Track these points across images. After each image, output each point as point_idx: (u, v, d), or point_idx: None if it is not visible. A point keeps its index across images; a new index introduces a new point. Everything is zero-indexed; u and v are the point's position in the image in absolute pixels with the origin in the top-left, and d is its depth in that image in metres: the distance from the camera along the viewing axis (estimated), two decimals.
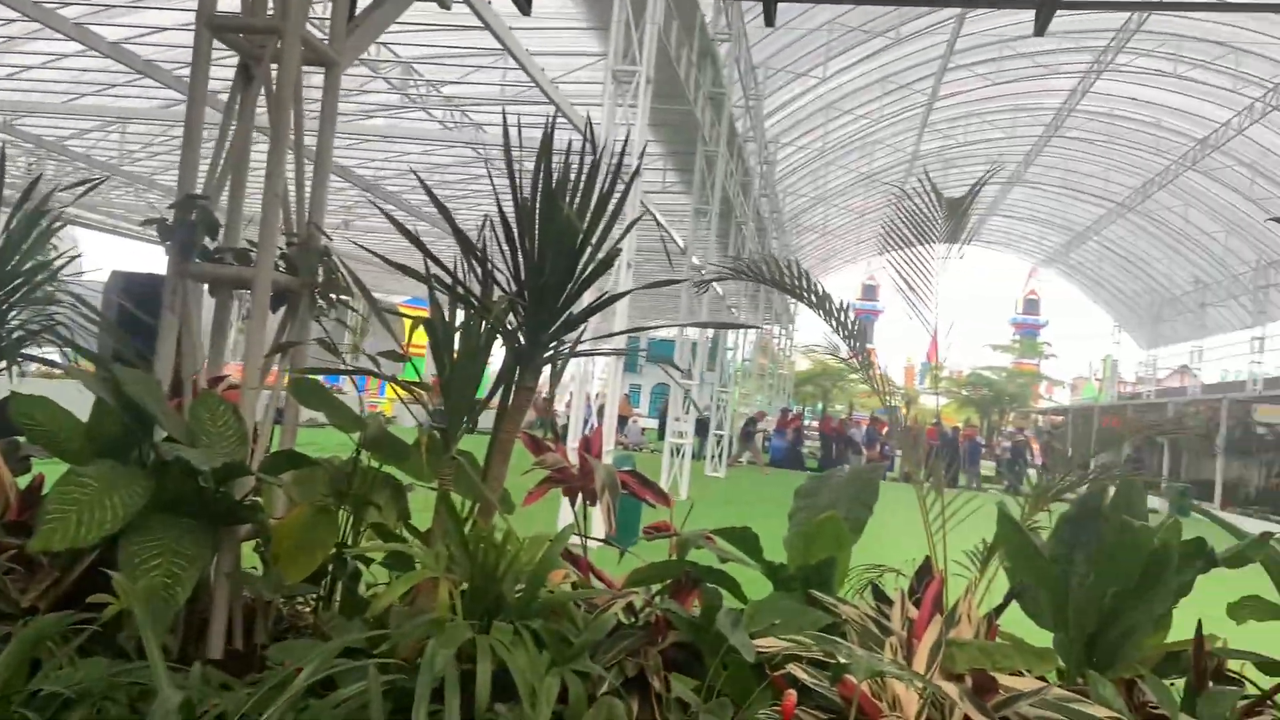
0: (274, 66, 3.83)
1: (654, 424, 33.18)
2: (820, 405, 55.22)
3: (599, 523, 3.66)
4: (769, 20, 5.86)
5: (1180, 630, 3.39)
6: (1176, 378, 52.03)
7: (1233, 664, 3.35)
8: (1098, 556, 3.16)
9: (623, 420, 29.35)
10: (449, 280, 3.28)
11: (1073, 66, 29.18)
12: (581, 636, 2.62)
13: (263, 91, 3.88)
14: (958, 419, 48.90)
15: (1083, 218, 44.21)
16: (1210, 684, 3.08)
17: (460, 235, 3.22)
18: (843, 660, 2.50)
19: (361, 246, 3.86)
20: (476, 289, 3.30)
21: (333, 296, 3.96)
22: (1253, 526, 3.74)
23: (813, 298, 3.37)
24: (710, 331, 30.52)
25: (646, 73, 10.50)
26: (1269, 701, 3.07)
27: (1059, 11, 5.30)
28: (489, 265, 3.26)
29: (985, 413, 53.41)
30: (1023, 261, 61.62)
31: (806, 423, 37.89)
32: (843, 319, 3.39)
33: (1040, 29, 4.81)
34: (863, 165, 36.29)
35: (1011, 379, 55.80)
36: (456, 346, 3.23)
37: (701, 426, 26.78)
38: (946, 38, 26.32)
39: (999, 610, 3.40)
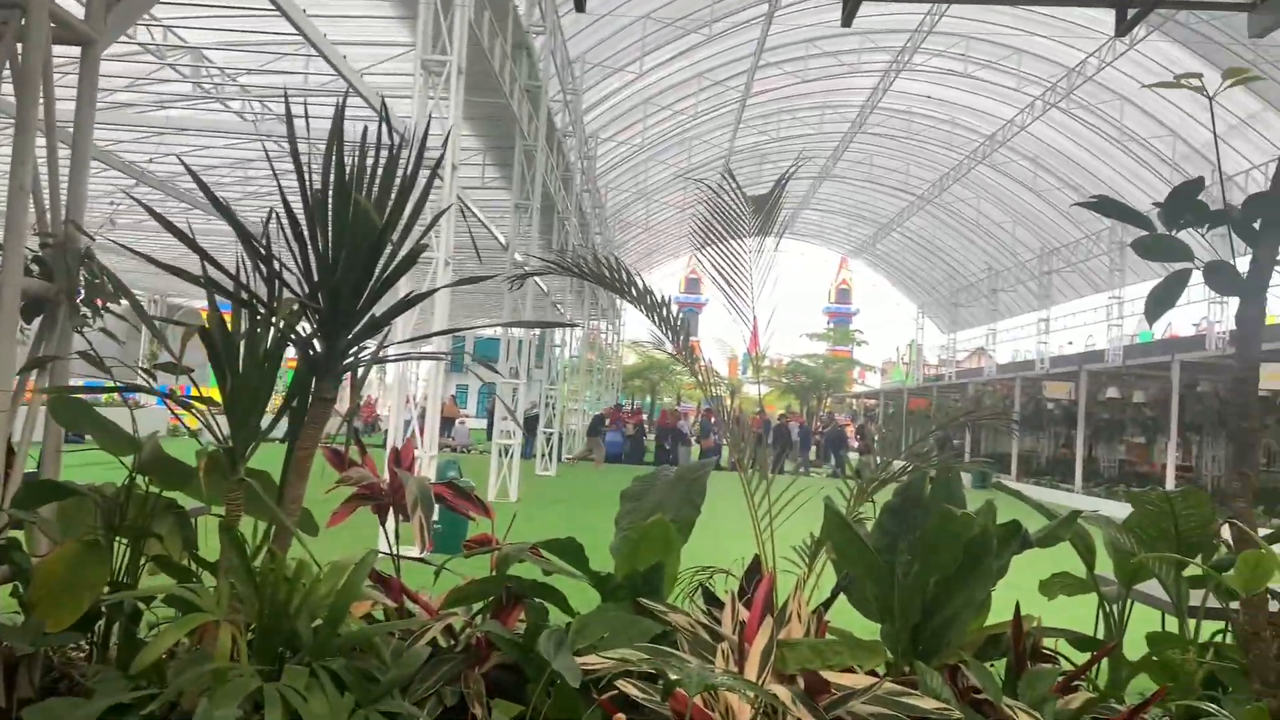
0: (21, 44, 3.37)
1: (483, 424, 32.76)
2: (649, 399, 55.99)
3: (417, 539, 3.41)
4: (579, 6, 5.70)
5: (997, 612, 3.45)
6: (973, 359, 55.80)
7: (1047, 642, 3.44)
8: (920, 546, 3.16)
9: (449, 422, 28.62)
10: (230, 282, 2.95)
11: (873, 66, 30.54)
12: (389, 673, 2.37)
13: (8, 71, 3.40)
14: (779, 406, 50.61)
15: (887, 210, 46.45)
16: (1029, 664, 3.13)
17: (241, 231, 2.89)
18: (673, 677, 2.36)
19: (124, 246, 3.44)
20: (264, 292, 2.98)
21: (99, 303, 3.53)
22: (1043, 495, 3.85)
23: (633, 293, 3.23)
24: (537, 329, 30.10)
25: (458, 63, 10.15)
26: (1082, 676, 3.15)
27: (863, 7, 5.37)
28: (276, 264, 2.94)
29: (805, 399, 54.73)
30: (834, 253, 64.26)
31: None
32: (664, 314, 3.27)
33: (847, 19, 4.84)
34: (681, 161, 36.83)
35: (828, 365, 57.52)
36: (241, 356, 2.90)
37: (530, 424, 26.01)
38: (757, 35, 27.00)
39: (827, 604, 3.36)
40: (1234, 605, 3.37)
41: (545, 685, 2.79)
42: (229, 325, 2.96)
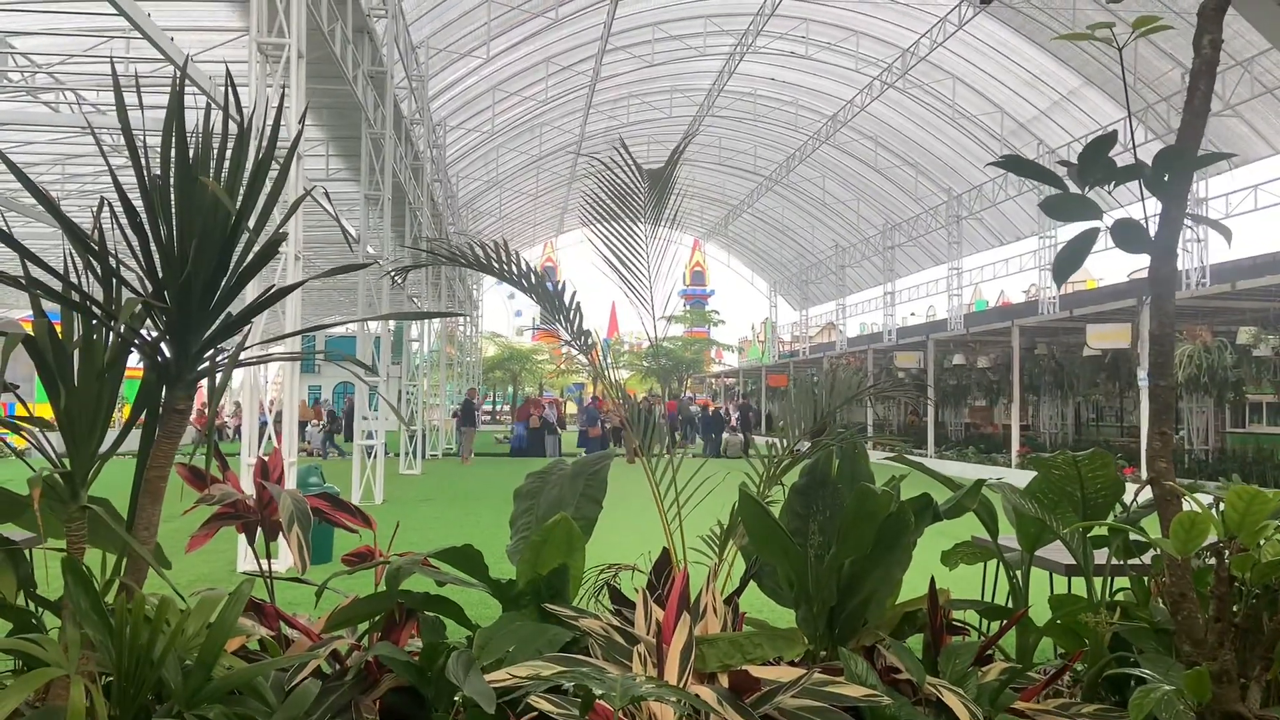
0: None
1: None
2: (511, 389, 55.35)
3: (288, 556, 3.09)
4: None
5: (905, 586, 3.40)
6: (825, 333, 57.43)
7: (956, 614, 3.41)
8: (833, 526, 3.06)
9: (303, 425, 27.55)
10: (59, 283, 2.57)
11: (718, 49, 30.86)
12: (275, 716, 2.09)
13: None
14: (640, 390, 50.93)
15: (737, 192, 47.22)
16: (945, 638, 3.08)
17: (67, 224, 2.51)
18: (597, 691, 2.17)
19: None
20: (100, 294, 2.61)
21: None
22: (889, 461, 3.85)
23: (530, 280, 3.00)
24: (391, 324, 28.96)
25: (297, 46, 9.57)
26: (995, 646, 3.12)
27: None
28: (112, 261, 2.58)
29: (665, 381, 55.49)
30: (687, 236, 64.97)
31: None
32: (560, 301, 3.06)
33: None
34: (533, 147, 36.36)
35: (687, 347, 58.19)
36: (76, 367, 2.53)
37: (345, 419, 26.53)
38: (604, 19, 26.83)
39: (738, 592, 3.23)
40: (1133, 563, 3.42)
41: (449, 708, 2.56)
42: (59, 333, 2.58)
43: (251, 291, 6.32)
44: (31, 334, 2.48)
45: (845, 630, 3.08)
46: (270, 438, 9.00)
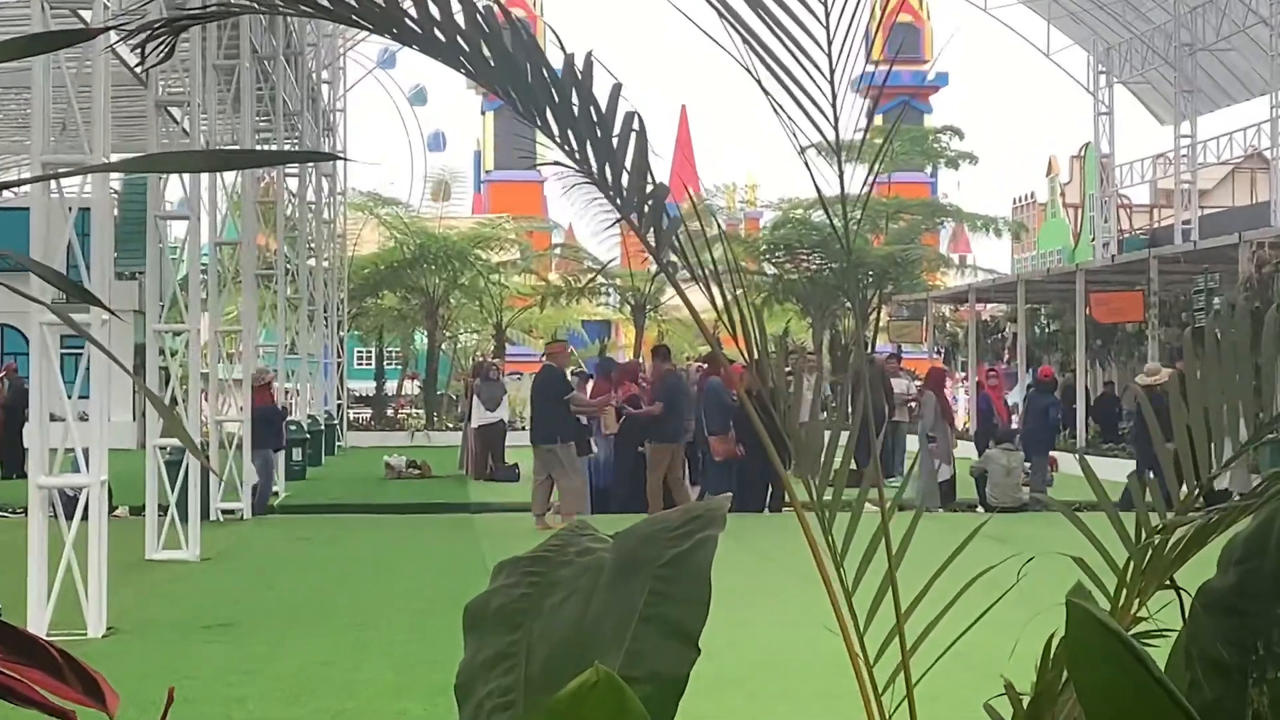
0: None
1: None
2: (423, 339, 26.01)
3: None
4: None
5: None
6: (1236, 182, 28.83)
7: None
8: None
9: None
10: None
11: None
12: None
13: None
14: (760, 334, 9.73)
15: None
16: None
17: None
18: None
19: None
20: None
21: None
22: None
23: (480, 37, 1.13)
24: (117, 182, 14.48)
25: None
26: None
27: None
28: None
29: (818, 312, 23.66)
30: None
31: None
32: (577, 86, 1.16)
33: None
34: None
35: (876, 222, 23.39)
36: None
37: (10, 414, 13.10)
38: None
39: None
40: None
41: None
42: None
43: None
44: None
45: None
46: None
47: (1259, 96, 22.27)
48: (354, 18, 1.21)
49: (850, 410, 1.42)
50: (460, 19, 1.22)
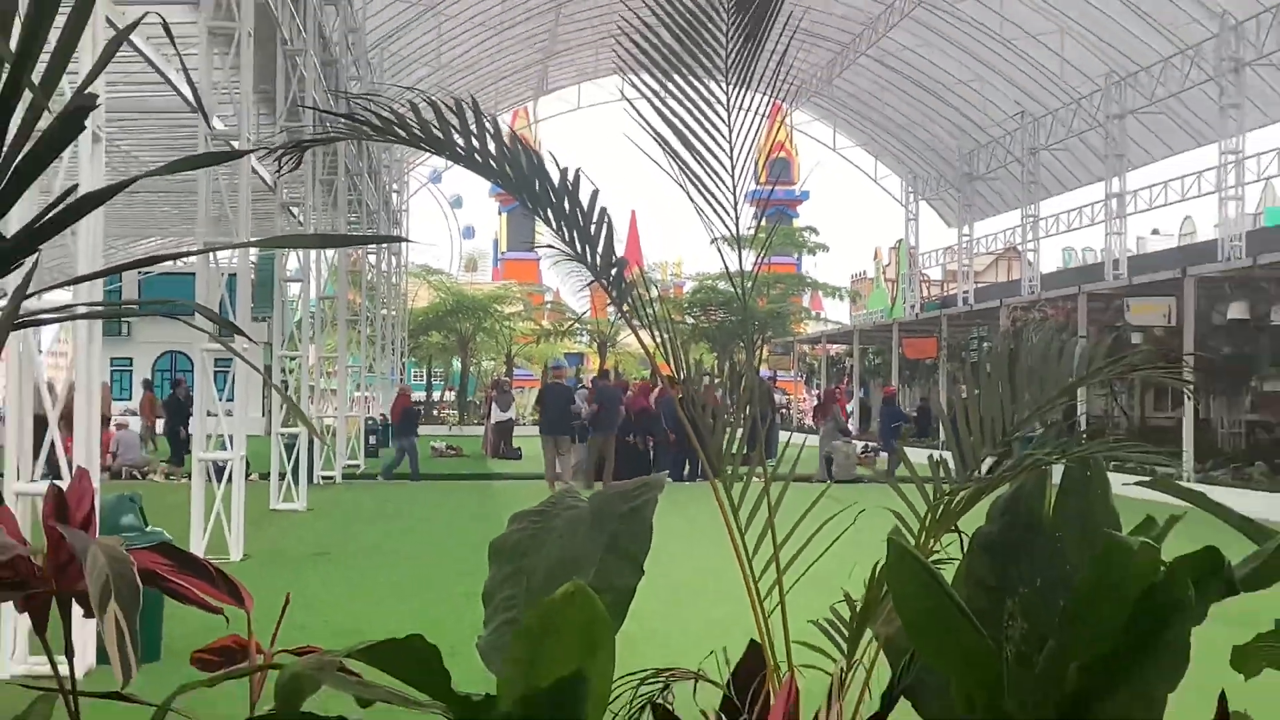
0: None
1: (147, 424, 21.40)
2: (459, 362, 37.18)
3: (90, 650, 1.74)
4: None
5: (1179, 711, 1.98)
6: (999, 266, 40.33)
7: None
8: (1065, 607, 1.75)
9: (105, 422, 15.93)
10: None
11: None
12: None
13: None
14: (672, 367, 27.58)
15: (853, 20, 29.09)
16: None
17: None
18: None
19: None
20: None
21: None
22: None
23: (505, 162, 1.74)
24: (253, 256, 20.33)
25: None
26: None
27: None
28: None
29: (723, 350, 32.65)
30: (762, 96, 30.37)
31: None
32: (570, 195, 1.78)
33: None
34: None
35: (761, 289, 30.70)
36: None
37: (177, 412, 17.31)
38: None
39: (881, 717, 1.92)
40: None
41: None
42: None
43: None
44: None
45: None
46: (53, 444, 5.34)
47: (1013, 210, 31.95)
48: (422, 145, 1.80)
49: (744, 414, 2.05)
50: (491, 146, 1.81)
